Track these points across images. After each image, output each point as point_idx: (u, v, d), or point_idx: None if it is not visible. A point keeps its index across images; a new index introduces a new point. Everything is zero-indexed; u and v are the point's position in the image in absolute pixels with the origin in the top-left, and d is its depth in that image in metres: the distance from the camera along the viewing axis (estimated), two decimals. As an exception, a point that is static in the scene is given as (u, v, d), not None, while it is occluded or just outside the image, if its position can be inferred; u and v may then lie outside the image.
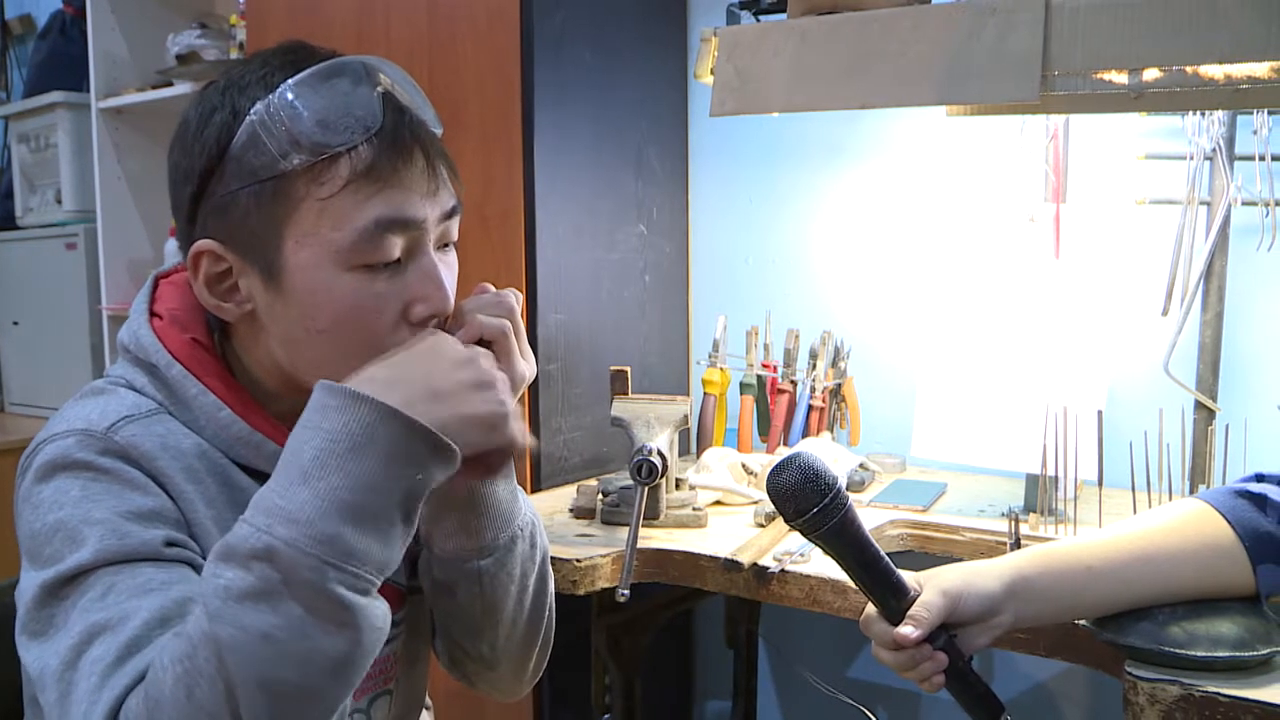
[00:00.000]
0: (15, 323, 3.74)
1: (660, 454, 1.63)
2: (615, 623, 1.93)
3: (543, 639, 1.23)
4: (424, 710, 1.29)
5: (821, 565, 1.53)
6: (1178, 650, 1.15)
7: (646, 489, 1.62)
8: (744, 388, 2.17)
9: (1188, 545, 1.21)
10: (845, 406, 2.15)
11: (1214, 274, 1.83)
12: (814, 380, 2.12)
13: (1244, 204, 1.80)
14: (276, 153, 0.96)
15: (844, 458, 1.99)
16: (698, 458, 2.03)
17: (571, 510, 1.87)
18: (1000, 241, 2.11)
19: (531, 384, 1.17)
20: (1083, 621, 1.25)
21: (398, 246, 1.00)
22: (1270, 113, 1.76)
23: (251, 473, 1.04)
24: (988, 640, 1.17)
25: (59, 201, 3.49)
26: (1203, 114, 1.79)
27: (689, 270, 2.52)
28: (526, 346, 1.06)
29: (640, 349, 2.38)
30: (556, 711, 2.12)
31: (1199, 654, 1.14)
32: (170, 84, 3.06)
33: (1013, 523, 1.57)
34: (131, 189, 3.30)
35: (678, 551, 1.66)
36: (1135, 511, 1.55)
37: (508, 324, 1.04)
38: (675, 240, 2.47)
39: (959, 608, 1.13)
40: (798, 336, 2.15)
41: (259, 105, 0.97)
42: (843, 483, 1.12)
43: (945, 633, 1.13)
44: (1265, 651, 1.15)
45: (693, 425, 2.11)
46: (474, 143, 2.13)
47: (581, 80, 2.18)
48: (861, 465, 2.01)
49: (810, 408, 2.11)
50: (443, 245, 1.05)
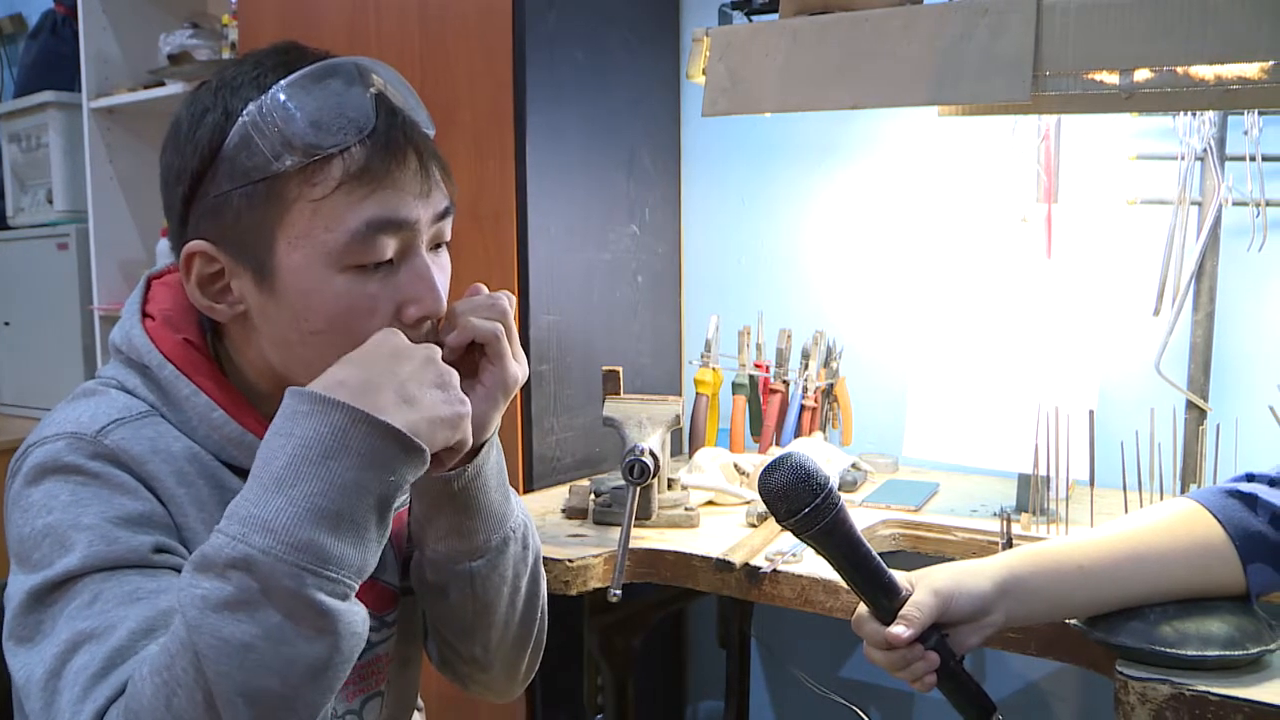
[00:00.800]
0: (6, 323, 3.73)
1: (652, 454, 1.63)
2: (608, 623, 1.93)
3: (535, 640, 1.23)
4: (416, 712, 1.29)
5: (813, 565, 1.54)
6: (1168, 649, 1.15)
7: (638, 489, 1.63)
8: (736, 388, 2.17)
9: (1179, 545, 1.21)
10: (838, 406, 2.15)
11: (1205, 274, 1.83)
12: (806, 380, 2.12)
13: (1235, 204, 1.81)
14: (269, 154, 0.96)
15: (836, 458, 1.99)
16: (690, 458, 2.03)
17: (564, 510, 1.87)
18: (992, 241, 2.12)
19: (524, 385, 1.17)
20: (1074, 621, 1.25)
21: (390, 247, 0.99)
22: (1261, 113, 1.77)
23: (243, 474, 1.04)
24: (979, 640, 1.17)
25: (50, 201, 3.48)
26: (1194, 114, 1.79)
27: (681, 270, 2.52)
28: (519, 348, 1.06)
29: (633, 349, 2.38)
30: (549, 712, 2.12)
31: (1190, 653, 1.15)
32: (162, 84, 3.05)
33: (1005, 522, 1.57)
34: (123, 189, 3.29)
35: (670, 552, 1.66)
36: (1127, 511, 1.55)
37: (500, 327, 1.04)
38: (668, 240, 2.48)
39: (951, 607, 1.13)
40: (790, 336, 2.15)
41: (251, 106, 0.97)
42: (835, 483, 1.12)
43: (937, 632, 1.13)
44: (1255, 650, 1.15)
45: (685, 425, 2.12)
46: (466, 143, 2.13)
47: (574, 80, 2.18)
48: (854, 465, 2.01)
49: (803, 408, 2.12)
50: (435, 246, 1.05)
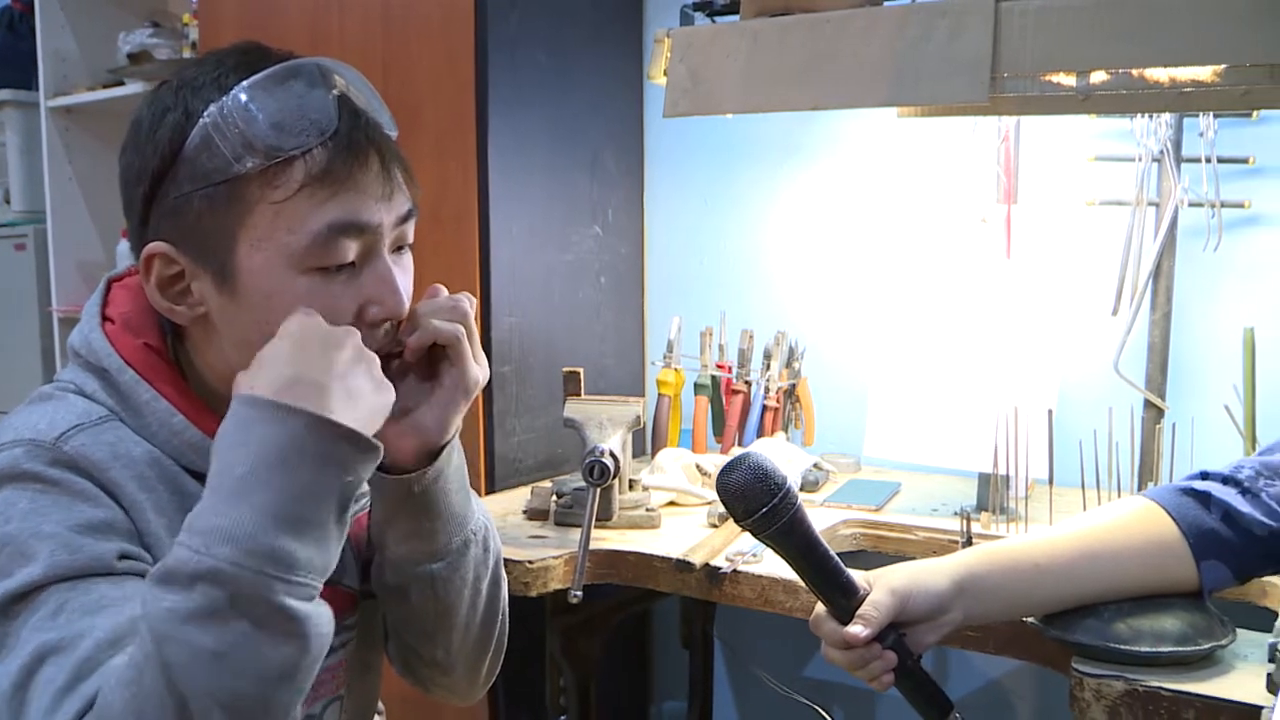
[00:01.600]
0: (-37, 325, 3.68)
1: (612, 455, 1.63)
2: (569, 624, 1.93)
3: (496, 642, 1.22)
4: (377, 715, 1.28)
5: (773, 565, 1.54)
6: (1123, 646, 1.17)
7: (599, 490, 1.63)
8: (699, 388, 2.17)
9: (1133, 542, 1.22)
10: (799, 407, 2.16)
11: (1162, 274, 1.85)
12: (768, 380, 2.13)
13: (1191, 205, 1.83)
14: (230, 155, 0.95)
15: (798, 458, 2.00)
16: (652, 458, 2.04)
17: (525, 512, 1.87)
18: (952, 242, 2.13)
19: (485, 386, 1.17)
20: (1031, 619, 1.26)
21: (352, 250, 0.99)
22: (1215, 115, 1.79)
23: (203, 479, 1.03)
24: (937, 638, 1.18)
25: (8, 201, 3.45)
26: (1151, 117, 1.81)
27: (644, 271, 2.53)
28: (480, 350, 1.06)
29: (595, 350, 2.38)
30: (512, 714, 2.12)
31: (1143, 649, 1.16)
32: (122, 83, 3.03)
33: (965, 521, 1.59)
34: (82, 189, 3.26)
35: (630, 552, 1.66)
36: (1085, 509, 1.57)
37: (461, 329, 1.04)
38: (630, 241, 2.48)
39: (908, 606, 1.14)
40: (752, 337, 2.16)
41: (212, 107, 0.96)
42: (796, 483, 1.12)
43: (894, 631, 1.14)
44: (1207, 646, 1.17)
45: (647, 426, 2.12)
46: (429, 145, 2.12)
47: (536, 82, 2.18)
48: (816, 465, 2.02)
49: (765, 408, 2.12)
50: (398, 248, 1.05)
